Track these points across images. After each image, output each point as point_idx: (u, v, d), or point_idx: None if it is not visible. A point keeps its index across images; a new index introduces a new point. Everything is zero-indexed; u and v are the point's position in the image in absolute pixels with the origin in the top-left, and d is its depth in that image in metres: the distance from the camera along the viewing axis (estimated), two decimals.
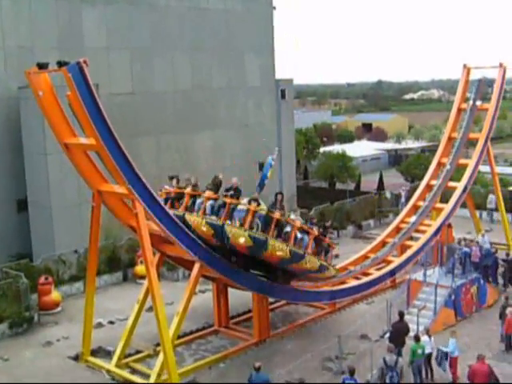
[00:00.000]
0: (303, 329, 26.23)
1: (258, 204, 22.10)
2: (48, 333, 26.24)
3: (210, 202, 22.56)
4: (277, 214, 21.98)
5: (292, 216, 23.12)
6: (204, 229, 21.51)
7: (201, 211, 22.31)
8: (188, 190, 23.34)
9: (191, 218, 21.90)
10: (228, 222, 21.53)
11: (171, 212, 21.81)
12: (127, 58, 38.15)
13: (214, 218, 21.70)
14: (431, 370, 21.29)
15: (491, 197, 42.95)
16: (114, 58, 37.46)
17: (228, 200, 22.27)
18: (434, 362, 21.23)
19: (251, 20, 44.79)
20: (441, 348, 21.07)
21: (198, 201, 22.87)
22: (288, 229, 22.21)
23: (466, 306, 26.63)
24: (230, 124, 44.14)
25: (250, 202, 22.05)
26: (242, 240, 21.05)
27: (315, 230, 23.37)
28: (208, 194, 22.67)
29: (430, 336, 21.45)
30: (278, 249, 21.41)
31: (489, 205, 43.16)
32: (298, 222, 22.64)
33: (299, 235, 22.54)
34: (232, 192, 22.90)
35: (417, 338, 20.91)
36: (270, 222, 21.83)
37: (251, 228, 21.36)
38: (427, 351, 20.99)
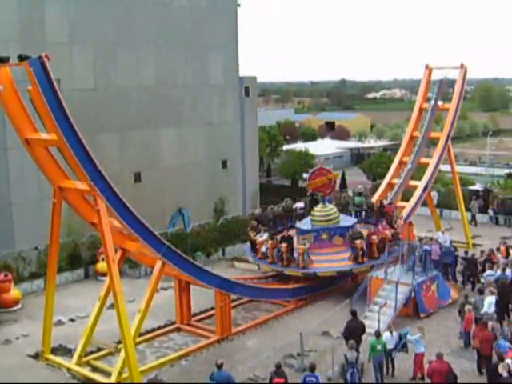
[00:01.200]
0: (265, 326, 26.28)
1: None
2: (7, 331, 25.92)
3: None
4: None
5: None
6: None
7: None
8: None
9: None
10: None
11: None
12: (90, 53, 37.68)
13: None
14: (393, 367, 21.51)
15: (433, 193, 43.37)
16: (77, 53, 36.95)
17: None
18: (395, 359, 21.49)
19: (215, 17, 44.64)
20: (408, 336, 21.29)
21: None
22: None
23: (428, 302, 26.91)
24: (193, 121, 43.94)
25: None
26: None
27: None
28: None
29: (391, 332, 21.67)
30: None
31: None
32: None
33: None
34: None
35: (377, 334, 21.10)
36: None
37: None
38: (389, 347, 21.22)
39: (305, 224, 30.63)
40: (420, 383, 20.72)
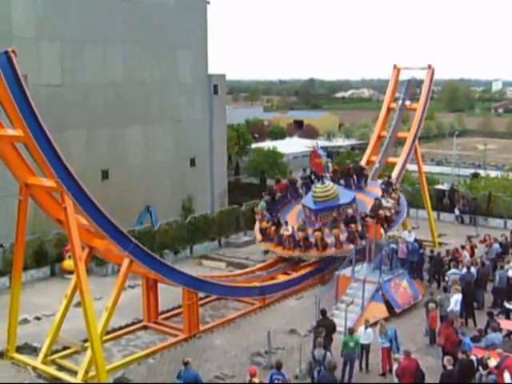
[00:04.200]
0: (233, 324, 26.28)
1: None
2: None
3: None
4: None
5: None
6: None
7: None
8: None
9: None
10: None
11: None
12: (57, 49, 37.27)
13: None
14: (367, 363, 21.71)
15: None
16: (44, 49, 36.53)
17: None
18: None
19: (184, 14, 44.46)
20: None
21: None
22: None
23: (401, 298, 27.07)
24: (161, 119, 43.71)
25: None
26: None
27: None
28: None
29: (366, 328, 21.80)
30: None
31: None
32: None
33: None
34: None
35: (350, 331, 21.24)
36: None
37: None
38: (366, 342, 21.45)
39: (310, 202, 32.25)
40: (388, 383, 20.91)
